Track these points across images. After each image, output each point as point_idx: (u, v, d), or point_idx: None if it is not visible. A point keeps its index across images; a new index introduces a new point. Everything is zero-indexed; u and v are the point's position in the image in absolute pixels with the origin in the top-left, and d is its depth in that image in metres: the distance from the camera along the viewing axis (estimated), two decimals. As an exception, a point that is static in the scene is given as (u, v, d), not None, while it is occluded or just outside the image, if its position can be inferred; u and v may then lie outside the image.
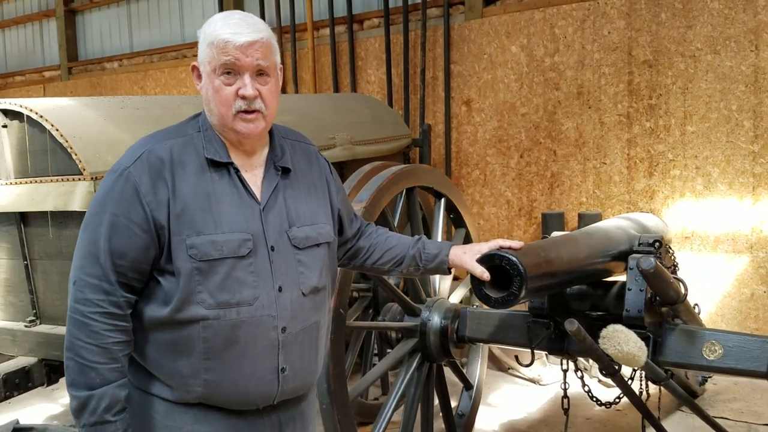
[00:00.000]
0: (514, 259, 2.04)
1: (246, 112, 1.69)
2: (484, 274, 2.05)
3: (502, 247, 2.10)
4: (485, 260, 2.07)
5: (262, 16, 7.03)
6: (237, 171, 1.73)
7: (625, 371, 2.82)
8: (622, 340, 2.24)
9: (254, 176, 1.76)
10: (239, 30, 1.66)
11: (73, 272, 1.66)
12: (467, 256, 2.08)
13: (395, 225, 3.39)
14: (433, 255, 2.11)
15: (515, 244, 2.12)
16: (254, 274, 1.68)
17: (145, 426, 1.72)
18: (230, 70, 1.67)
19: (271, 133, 1.85)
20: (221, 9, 7.35)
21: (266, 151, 1.81)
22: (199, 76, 1.74)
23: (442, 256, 2.10)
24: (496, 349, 4.85)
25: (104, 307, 1.62)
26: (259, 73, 1.70)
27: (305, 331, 1.78)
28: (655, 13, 5.01)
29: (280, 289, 1.72)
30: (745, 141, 4.76)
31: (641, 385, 2.76)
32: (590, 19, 5.28)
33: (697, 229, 4.97)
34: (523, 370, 4.76)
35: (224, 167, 1.72)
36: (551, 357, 4.54)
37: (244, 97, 1.68)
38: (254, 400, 1.73)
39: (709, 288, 4.94)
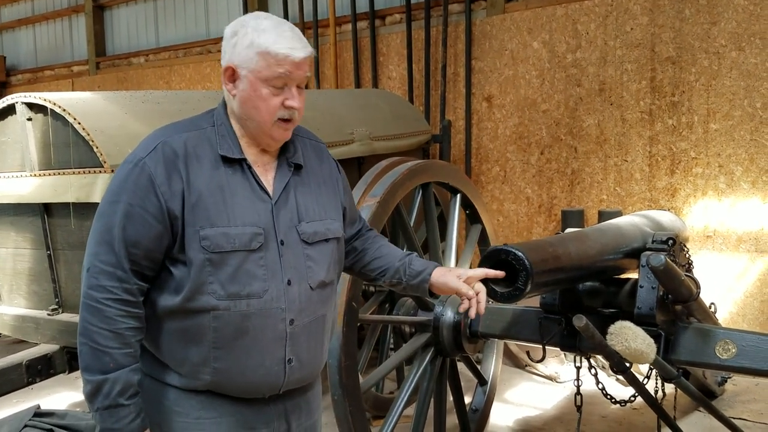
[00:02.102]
0: (520, 254, 2.05)
1: (284, 120, 1.76)
2: (469, 291, 1.98)
3: (487, 276, 2.04)
4: (492, 255, 2.08)
5: (285, 12, 7.08)
6: (250, 167, 1.77)
7: (642, 370, 2.81)
8: (629, 337, 2.24)
9: (266, 172, 1.80)
10: (294, 45, 1.71)
11: (88, 259, 1.69)
12: (450, 276, 2.02)
13: (413, 221, 3.40)
14: (416, 272, 2.05)
15: (500, 274, 2.06)
16: (264, 267, 1.72)
17: (154, 411, 1.76)
18: (284, 84, 1.72)
19: None
20: (245, 6, 7.42)
21: (279, 147, 1.85)
22: (233, 78, 1.75)
23: (424, 275, 2.04)
24: (513, 345, 4.84)
25: (118, 294, 1.65)
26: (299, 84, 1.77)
27: (312, 324, 1.81)
28: (679, 9, 4.95)
29: (289, 283, 1.75)
30: (770, 139, 4.69)
31: (656, 383, 2.75)
32: (613, 15, 5.23)
33: (719, 227, 4.91)
34: (540, 367, 4.75)
35: (237, 163, 1.76)
36: (569, 355, 4.52)
37: (290, 108, 1.74)
38: (261, 389, 1.77)
39: (731, 287, 4.88)
